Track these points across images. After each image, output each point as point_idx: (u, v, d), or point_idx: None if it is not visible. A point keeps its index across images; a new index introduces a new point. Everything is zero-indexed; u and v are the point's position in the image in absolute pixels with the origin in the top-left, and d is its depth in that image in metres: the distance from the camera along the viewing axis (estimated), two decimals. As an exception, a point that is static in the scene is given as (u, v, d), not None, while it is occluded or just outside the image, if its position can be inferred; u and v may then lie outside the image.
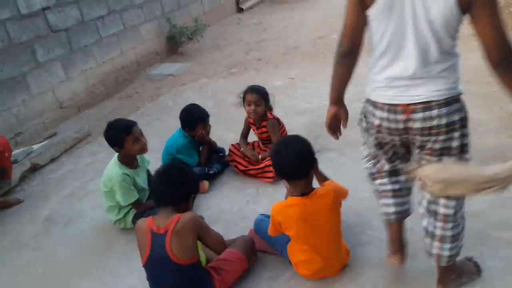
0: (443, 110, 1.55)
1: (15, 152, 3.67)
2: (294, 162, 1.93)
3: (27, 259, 2.69)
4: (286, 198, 2.33)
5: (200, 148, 3.21)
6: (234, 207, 2.84)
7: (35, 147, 3.83)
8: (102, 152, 3.92)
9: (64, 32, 4.58)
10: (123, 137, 2.57)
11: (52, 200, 3.28)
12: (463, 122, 1.62)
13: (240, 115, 3.89)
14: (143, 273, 2.28)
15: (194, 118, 3.05)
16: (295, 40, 6.48)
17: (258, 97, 3.02)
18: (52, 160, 3.85)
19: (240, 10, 9.09)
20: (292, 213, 2.01)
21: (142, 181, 2.80)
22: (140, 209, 2.71)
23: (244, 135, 3.30)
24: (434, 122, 1.56)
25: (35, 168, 3.68)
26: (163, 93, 5.24)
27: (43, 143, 3.96)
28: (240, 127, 3.70)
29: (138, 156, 2.78)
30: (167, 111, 4.68)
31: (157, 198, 2.09)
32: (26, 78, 4.14)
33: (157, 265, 1.94)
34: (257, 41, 6.79)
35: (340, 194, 2.10)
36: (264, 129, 3.14)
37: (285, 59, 5.74)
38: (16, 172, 3.46)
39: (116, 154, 2.70)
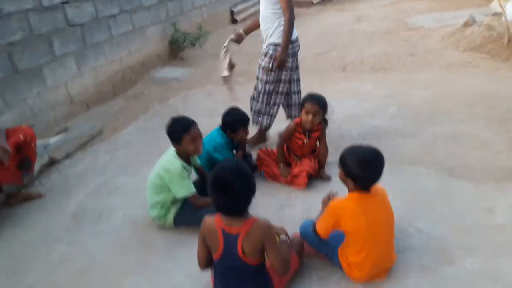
0: None
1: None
2: (379, 173, 2.09)
3: (62, 254, 2.62)
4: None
5: (234, 151, 3.26)
6: (269, 211, 2.88)
7: (52, 140, 3.73)
8: (120, 151, 3.89)
9: (79, 27, 4.53)
10: (181, 134, 2.59)
11: (76, 196, 3.21)
12: None
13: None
14: (190, 271, 2.33)
15: (237, 122, 3.10)
16: (296, 54, 6.64)
17: (318, 109, 2.97)
18: (68, 156, 3.78)
19: (234, 21, 9.23)
20: (352, 207, 2.10)
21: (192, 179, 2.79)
22: (198, 203, 2.66)
23: (283, 143, 3.20)
24: None
25: (52, 162, 3.59)
26: (170, 96, 5.24)
27: (58, 137, 3.86)
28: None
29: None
30: (179, 114, 4.67)
31: (222, 210, 1.93)
32: (43, 71, 4.04)
33: (228, 261, 1.97)
34: (257, 53, 6.85)
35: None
36: (314, 138, 3.16)
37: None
38: (36, 165, 3.35)
39: (173, 149, 2.69)
